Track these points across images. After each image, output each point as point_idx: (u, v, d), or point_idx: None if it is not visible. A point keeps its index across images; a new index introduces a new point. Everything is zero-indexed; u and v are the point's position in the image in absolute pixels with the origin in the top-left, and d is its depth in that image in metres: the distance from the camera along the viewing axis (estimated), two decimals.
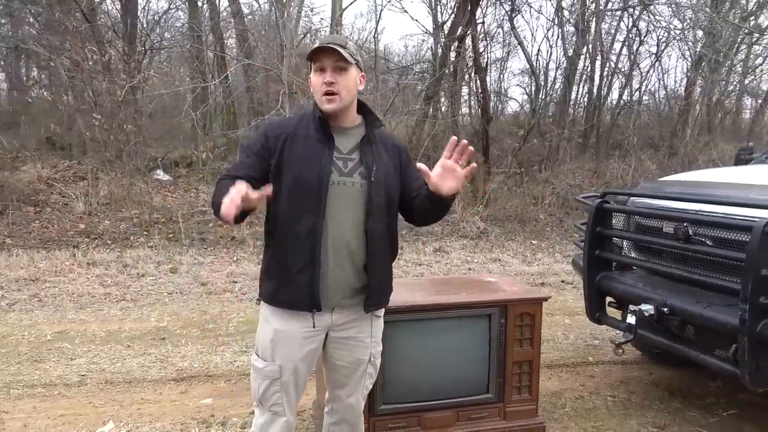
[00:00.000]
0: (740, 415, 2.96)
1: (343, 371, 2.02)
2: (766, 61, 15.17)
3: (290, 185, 1.81)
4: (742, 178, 3.01)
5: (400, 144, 2.06)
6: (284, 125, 1.90)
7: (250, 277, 5.58)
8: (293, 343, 1.89)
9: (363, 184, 1.86)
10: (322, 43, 1.81)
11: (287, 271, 1.84)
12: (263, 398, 1.93)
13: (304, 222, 1.81)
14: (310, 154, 1.83)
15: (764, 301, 2.23)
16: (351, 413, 2.11)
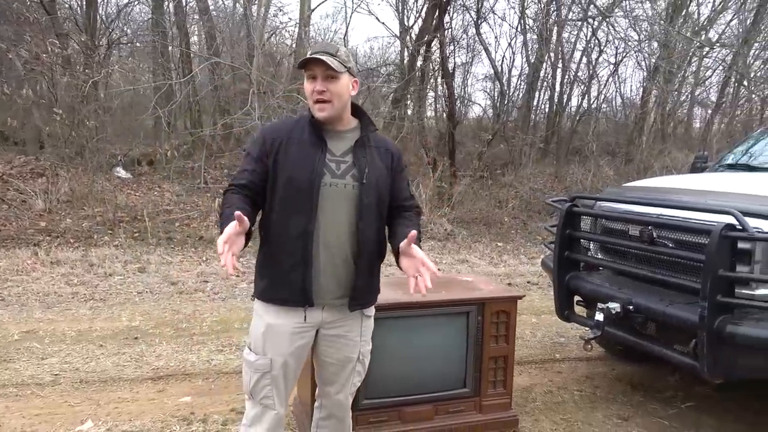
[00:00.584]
0: (697, 407, 3.17)
1: (332, 368, 2.07)
2: (715, 74, 15.95)
3: (284, 186, 1.87)
4: (699, 185, 3.21)
5: (395, 149, 2.09)
6: (281, 129, 1.96)
7: (221, 277, 5.56)
8: (284, 337, 1.94)
9: (355, 186, 1.91)
10: (312, 52, 1.86)
11: (280, 269, 1.90)
12: (254, 391, 1.97)
13: (297, 222, 1.87)
14: (303, 157, 1.88)
15: (721, 299, 2.42)
16: (339, 409, 2.17)
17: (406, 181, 2.12)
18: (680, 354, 2.62)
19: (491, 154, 12.00)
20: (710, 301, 2.40)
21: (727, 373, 2.49)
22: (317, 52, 1.84)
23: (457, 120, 10.86)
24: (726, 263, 2.42)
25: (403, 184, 2.10)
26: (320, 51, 1.85)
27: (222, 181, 9.75)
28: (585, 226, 3.36)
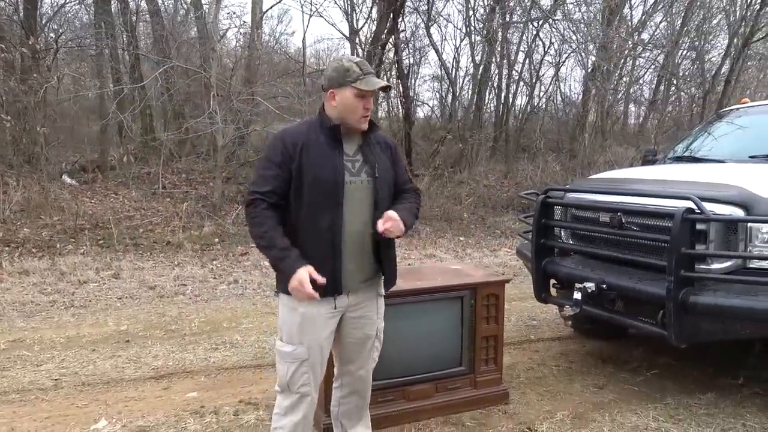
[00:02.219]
0: (661, 374, 3.54)
1: (354, 347, 2.29)
2: (647, 73, 16.98)
3: (310, 186, 2.04)
4: (656, 176, 3.60)
5: (391, 141, 2.34)
6: (297, 134, 2.10)
7: (198, 280, 5.61)
8: (319, 324, 2.13)
9: (370, 181, 2.15)
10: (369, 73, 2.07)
11: (312, 263, 2.02)
12: (291, 381, 2.13)
13: (325, 217, 2.06)
14: (324, 158, 2.07)
15: (685, 273, 2.77)
16: (361, 384, 2.38)
17: (403, 167, 2.37)
18: (650, 325, 2.97)
19: (443, 153, 12.39)
20: (675, 276, 2.75)
21: (691, 339, 2.85)
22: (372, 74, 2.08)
23: (413, 121, 11.17)
24: (687, 242, 2.78)
25: (402, 171, 2.34)
26: (375, 75, 2.09)
27: (180, 186, 9.69)
28: (557, 215, 3.67)
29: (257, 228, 2.02)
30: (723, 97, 13.56)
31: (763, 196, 2.78)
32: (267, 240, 2.00)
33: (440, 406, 2.99)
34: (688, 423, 2.91)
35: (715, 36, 16.29)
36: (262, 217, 2.01)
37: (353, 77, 2.04)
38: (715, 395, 3.21)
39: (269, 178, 2.05)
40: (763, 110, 4.42)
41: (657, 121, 15.83)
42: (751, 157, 3.73)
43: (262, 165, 2.12)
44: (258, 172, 2.13)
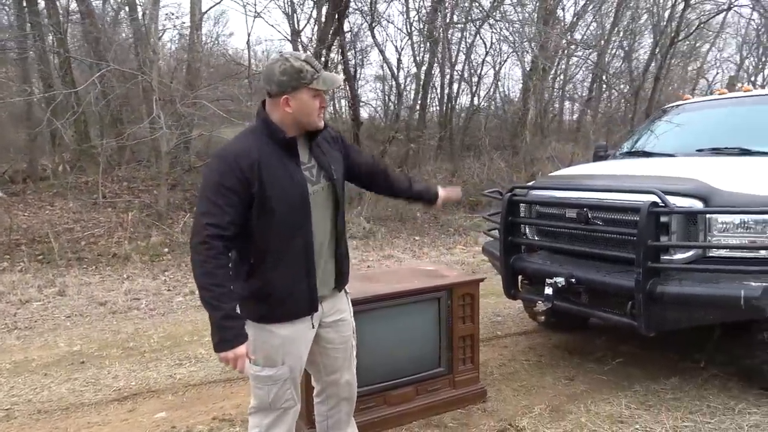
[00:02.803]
0: (626, 362, 3.67)
1: (338, 353, 2.19)
2: (580, 71, 17.67)
3: (277, 207, 1.86)
4: (614, 171, 3.73)
5: (335, 132, 2.16)
6: (248, 152, 1.85)
7: (152, 293, 5.37)
8: (301, 342, 2.04)
9: (329, 185, 2.01)
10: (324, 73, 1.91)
11: (286, 289, 1.93)
12: (274, 402, 2.03)
13: (297, 239, 1.92)
14: (285, 174, 1.88)
15: (651, 264, 2.88)
16: (349, 390, 2.30)
17: (357, 149, 2.29)
18: (620, 316, 3.06)
19: (391, 154, 12.43)
20: (643, 268, 2.85)
21: (659, 327, 2.96)
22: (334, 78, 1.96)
23: (361, 121, 11.14)
24: (653, 234, 2.88)
25: (358, 153, 2.27)
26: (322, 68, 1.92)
27: (122, 195, 9.27)
28: (522, 213, 3.74)
29: (206, 278, 1.78)
30: (653, 94, 14.28)
31: (719, 188, 2.93)
32: (214, 297, 1.78)
33: (421, 409, 2.98)
34: (657, 408, 3.02)
35: (641, 35, 17.17)
36: (214, 266, 1.77)
37: (308, 78, 1.86)
38: (678, 379, 3.35)
39: (225, 207, 1.79)
40: (703, 106, 4.67)
41: (592, 117, 16.52)
42: (698, 151, 3.93)
43: (212, 191, 1.81)
44: (207, 200, 1.82)
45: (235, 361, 1.80)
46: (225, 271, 1.81)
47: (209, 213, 1.80)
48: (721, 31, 17.01)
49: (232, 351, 1.80)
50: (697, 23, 14.76)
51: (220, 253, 1.79)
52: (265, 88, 1.92)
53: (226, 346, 1.80)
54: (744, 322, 2.99)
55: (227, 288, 1.80)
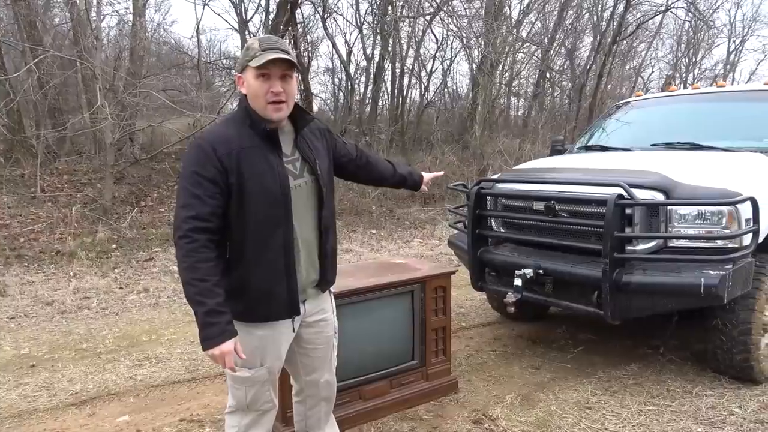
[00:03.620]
0: (587, 350, 3.79)
1: (319, 353, 2.13)
2: (525, 67, 18.10)
3: (256, 201, 1.78)
4: (579, 164, 3.82)
5: (323, 126, 2.09)
6: (226, 140, 1.78)
7: (103, 291, 5.11)
8: (280, 342, 1.96)
9: (313, 179, 1.92)
10: (270, 50, 1.75)
11: (264, 287, 1.84)
12: (252, 403, 1.96)
13: (277, 235, 1.83)
14: (265, 166, 1.80)
15: (617, 255, 2.97)
16: (329, 390, 2.24)
17: (342, 142, 2.22)
18: (586, 305, 3.15)
19: None
20: (610, 258, 2.95)
21: (624, 315, 3.07)
22: (273, 49, 1.75)
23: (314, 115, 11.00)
24: (618, 226, 2.98)
25: (343, 145, 2.20)
26: (276, 48, 1.76)
27: (63, 188, 8.78)
28: (489, 206, 3.78)
29: (188, 273, 1.68)
30: (596, 91, 14.80)
31: (679, 181, 3.05)
32: (198, 293, 1.68)
33: (396, 402, 2.98)
34: (621, 394, 3.13)
35: (583, 34, 17.77)
36: (197, 260, 1.68)
37: (250, 55, 1.75)
38: (638, 365, 3.49)
39: (205, 198, 1.71)
40: (655, 102, 4.87)
41: (537, 113, 16.98)
42: (653, 145, 4.09)
43: (190, 182, 1.73)
44: (186, 192, 1.72)
45: (222, 358, 1.71)
46: (209, 264, 1.71)
47: (189, 205, 1.72)
48: (658, 32, 17.81)
49: (218, 348, 1.70)
50: (636, 24, 15.40)
51: (203, 246, 1.71)
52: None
53: (212, 344, 1.70)
54: (699, 309, 3.13)
55: (211, 282, 1.69)
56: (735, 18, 23.34)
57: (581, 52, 18.12)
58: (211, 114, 9.37)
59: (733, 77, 22.80)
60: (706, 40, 21.24)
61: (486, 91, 15.26)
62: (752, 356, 3.07)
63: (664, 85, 17.47)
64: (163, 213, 8.20)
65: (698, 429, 2.72)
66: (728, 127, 4.06)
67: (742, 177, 3.14)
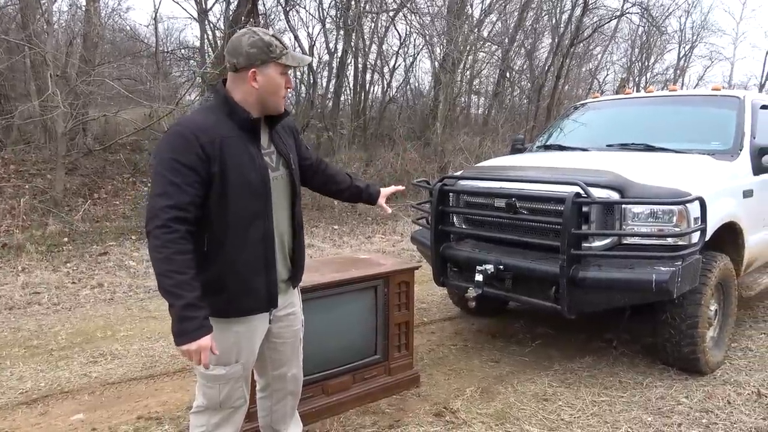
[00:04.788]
0: (544, 343, 3.90)
1: (287, 347, 2.13)
2: (486, 66, 18.36)
3: (238, 191, 1.77)
4: (538, 163, 3.91)
5: (292, 123, 2.11)
6: (208, 128, 1.74)
7: (54, 286, 4.94)
8: (255, 337, 1.96)
9: (287, 173, 1.95)
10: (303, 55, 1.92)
11: (244, 280, 1.83)
12: (225, 400, 1.93)
13: (257, 227, 1.83)
14: (247, 157, 1.79)
15: (574, 252, 3.07)
16: (295, 384, 2.25)
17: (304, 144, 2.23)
18: (544, 300, 3.24)
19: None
20: (567, 254, 3.04)
21: (579, 310, 3.16)
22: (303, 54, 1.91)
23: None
24: (576, 223, 3.07)
25: (305, 148, 2.22)
26: (303, 53, 1.91)
27: (9, 179, 8.41)
28: (452, 202, 3.83)
29: (165, 264, 1.63)
30: (554, 91, 15.15)
31: (633, 181, 3.17)
32: (175, 285, 1.63)
33: (358, 396, 2.99)
34: (576, 386, 3.24)
35: (542, 35, 18.15)
36: (174, 251, 1.63)
37: (277, 52, 1.79)
38: (592, 358, 3.61)
39: (184, 187, 1.66)
40: (611, 104, 5.02)
41: (497, 112, 17.25)
42: (608, 146, 4.23)
43: (168, 170, 1.67)
44: (163, 179, 1.67)
45: (198, 354, 1.67)
46: (187, 257, 1.66)
47: (166, 194, 1.66)
48: (614, 36, 18.35)
49: (195, 343, 1.65)
50: (593, 28, 15.84)
51: (182, 237, 1.66)
52: (230, 61, 1.81)
53: (188, 339, 1.65)
54: (650, 303, 3.26)
55: (189, 276, 1.65)
56: (685, 25, 24.27)
57: (540, 53, 18.52)
58: (169, 105, 9.16)
59: (683, 82, 23.77)
60: (659, 45, 22.06)
61: (448, 88, 15.42)
62: (698, 348, 3.22)
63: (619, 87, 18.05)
64: (118, 206, 7.98)
65: (648, 418, 2.84)
66: (679, 130, 4.24)
67: (691, 178, 3.28)
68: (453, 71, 15.18)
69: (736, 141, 3.89)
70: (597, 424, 2.80)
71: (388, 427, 2.78)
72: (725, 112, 4.13)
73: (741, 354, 3.69)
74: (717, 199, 3.31)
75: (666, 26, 19.90)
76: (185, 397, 3.04)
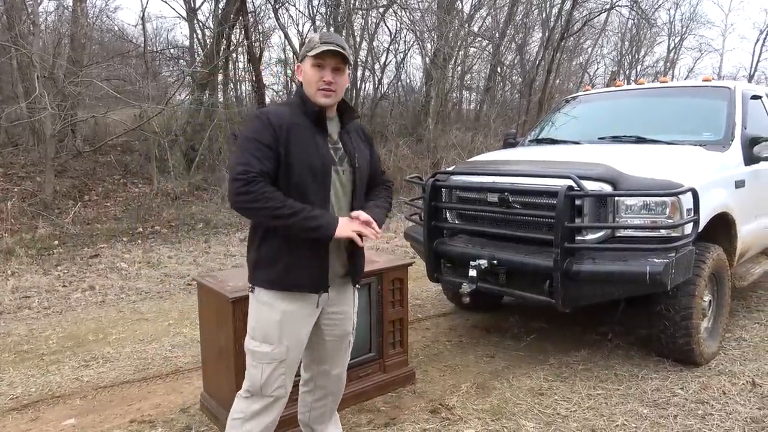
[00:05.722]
0: (539, 338, 3.89)
1: (333, 345, 2.18)
2: (477, 61, 18.35)
3: (299, 173, 1.91)
4: (530, 157, 3.90)
5: (368, 132, 2.25)
6: (282, 115, 1.94)
7: (44, 290, 4.88)
8: (302, 321, 2.01)
9: (350, 170, 2.04)
10: (328, 43, 1.92)
11: (297, 255, 1.93)
12: (266, 384, 1.98)
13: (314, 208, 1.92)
14: (312, 144, 1.94)
15: (568, 245, 3.05)
16: (337, 384, 2.28)
17: (378, 159, 2.28)
18: (539, 294, 3.23)
19: None
20: (561, 248, 3.02)
21: (574, 303, 3.15)
22: (330, 43, 1.92)
23: (266, 106, 10.81)
24: (569, 216, 3.06)
25: (377, 162, 2.26)
26: (334, 43, 1.93)
27: None
28: (444, 198, 3.81)
29: (267, 202, 1.81)
30: (545, 85, 15.15)
31: (626, 173, 3.16)
32: (288, 208, 1.83)
33: (354, 395, 2.97)
34: (572, 379, 3.23)
35: (533, 30, 18.16)
36: (268, 192, 1.82)
37: (310, 46, 1.95)
38: (587, 351, 3.61)
39: (262, 159, 1.86)
40: (602, 97, 5.02)
41: (489, 107, 17.25)
42: (600, 139, 4.23)
43: (249, 146, 1.89)
44: (245, 153, 1.88)
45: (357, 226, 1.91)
46: (277, 193, 1.84)
47: (246, 162, 1.84)
48: (604, 29, 18.38)
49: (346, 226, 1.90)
50: (583, 21, 15.85)
51: (266, 185, 1.83)
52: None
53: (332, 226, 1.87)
54: (644, 295, 3.26)
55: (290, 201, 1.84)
56: (674, 17, 24.35)
57: (531, 48, 18.55)
58: (159, 105, 9.10)
59: (673, 74, 23.87)
60: (648, 38, 22.13)
61: (439, 84, 15.41)
62: (693, 339, 3.22)
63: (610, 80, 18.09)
64: (109, 207, 7.91)
65: (644, 411, 2.83)
66: (670, 122, 4.24)
67: (683, 169, 3.28)
68: (444, 67, 15.17)
69: (727, 131, 3.89)
70: (593, 417, 2.79)
71: (384, 425, 2.76)
72: (716, 102, 4.13)
73: (735, 344, 3.69)
74: (709, 190, 3.31)
75: (655, 19, 19.97)
76: (178, 400, 3.01)
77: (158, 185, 8.79)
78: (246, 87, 12.65)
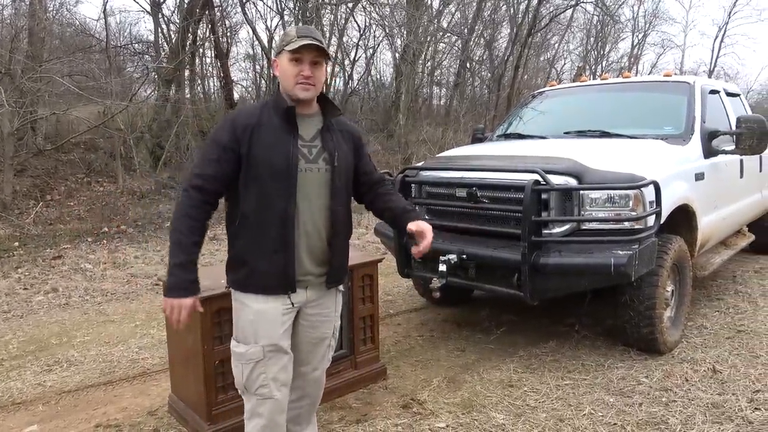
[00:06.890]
0: (509, 330, 3.94)
1: (310, 347, 2.15)
2: (446, 57, 18.44)
3: (261, 173, 1.89)
4: (498, 152, 3.93)
5: (355, 131, 2.20)
6: (249, 116, 1.94)
7: (4, 293, 4.73)
8: (274, 321, 1.97)
9: (327, 169, 1.99)
10: (305, 37, 1.88)
11: (261, 256, 1.92)
12: (248, 384, 1.98)
13: (278, 208, 1.90)
14: (277, 143, 1.90)
15: (535, 239, 3.09)
16: (315, 387, 2.26)
17: (368, 156, 2.25)
18: (507, 287, 3.26)
19: None
20: (528, 241, 3.06)
21: (542, 296, 3.20)
22: (308, 36, 1.89)
23: (234, 102, 10.68)
24: (536, 210, 3.10)
25: (368, 161, 2.23)
26: (310, 37, 1.89)
27: None
28: (413, 193, 3.81)
29: (175, 222, 1.90)
30: (514, 81, 15.32)
31: (590, 167, 3.21)
32: (174, 242, 1.90)
33: (326, 392, 2.86)
34: (541, 371, 3.28)
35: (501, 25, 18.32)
36: (184, 213, 1.88)
37: (287, 41, 1.91)
38: (555, 343, 3.67)
39: (212, 162, 1.90)
40: (568, 92, 5.09)
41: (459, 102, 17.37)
42: (565, 133, 4.29)
43: (206, 147, 1.96)
44: (202, 153, 1.96)
45: (171, 310, 1.86)
46: (193, 222, 1.88)
47: (198, 164, 1.93)
48: (569, 25, 18.66)
49: (177, 300, 1.86)
50: (549, 17, 16.08)
51: (194, 205, 1.88)
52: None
53: (171, 294, 1.87)
54: (610, 287, 3.33)
55: (191, 240, 1.88)
56: (638, 14, 24.88)
57: (499, 44, 18.70)
58: (123, 101, 8.89)
59: (637, 69, 24.41)
60: (613, 34, 22.57)
61: (409, 80, 15.43)
62: (656, 329, 3.31)
63: (576, 76, 18.38)
64: (72, 207, 7.71)
65: (610, 399, 2.90)
66: (633, 116, 4.32)
67: (645, 162, 3.35)
68: (414, 62, 15.19)
69: (687, 125, 3.99)
70: (561, 407, 2.84)
71: (356, 421, 2.76)
72: (677, 97, 4.23)
73: (696, 332, 3.81)
74: (670, 183, 3.40)
75: (619, 15, 20.36)
76: (146, 402, 2.96)
77: (124, 184, 8.61)
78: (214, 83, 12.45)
